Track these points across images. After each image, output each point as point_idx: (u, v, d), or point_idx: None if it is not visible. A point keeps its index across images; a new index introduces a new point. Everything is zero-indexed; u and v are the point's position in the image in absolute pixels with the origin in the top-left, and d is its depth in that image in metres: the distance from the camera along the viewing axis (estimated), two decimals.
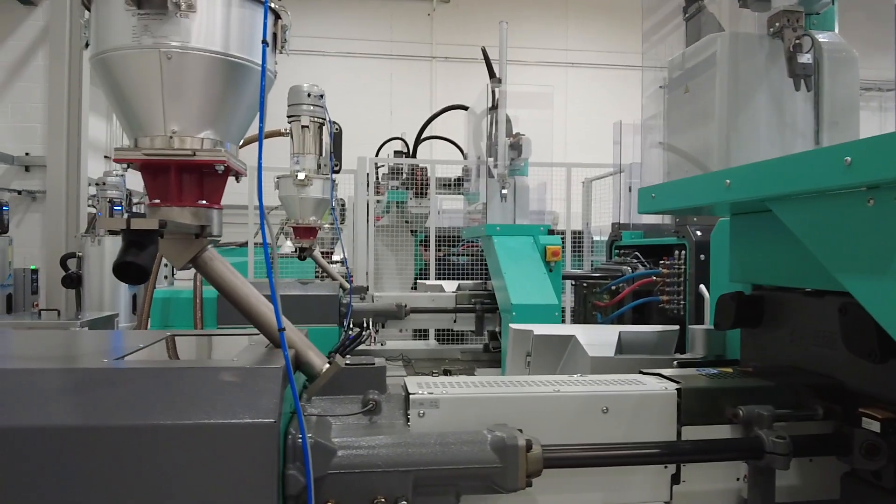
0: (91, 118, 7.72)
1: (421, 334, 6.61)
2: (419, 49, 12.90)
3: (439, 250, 7.50)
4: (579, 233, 7.46)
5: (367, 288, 5.30)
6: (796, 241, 1.76)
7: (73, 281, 6.25)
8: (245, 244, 10.09)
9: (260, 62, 1.51)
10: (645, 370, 1.82)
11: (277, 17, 1.56)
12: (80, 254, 6.28)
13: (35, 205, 7.79)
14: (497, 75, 4.72)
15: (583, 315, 4.96)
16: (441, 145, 8.30)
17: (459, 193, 7.36)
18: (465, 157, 8.03)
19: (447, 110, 7.04)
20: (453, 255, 7.80)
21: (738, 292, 2.02)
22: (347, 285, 4.64)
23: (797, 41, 1.72)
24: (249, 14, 1.49)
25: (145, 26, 1.37)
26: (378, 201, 7.42)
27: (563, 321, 5.05)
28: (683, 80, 1.99)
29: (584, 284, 4.84)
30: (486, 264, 7.03)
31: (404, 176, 7.23)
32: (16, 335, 1.77)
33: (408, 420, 1.52)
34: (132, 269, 1.29)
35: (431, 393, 1.54)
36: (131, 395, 1.22)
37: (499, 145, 4.68)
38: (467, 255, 7.76)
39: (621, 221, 5.61)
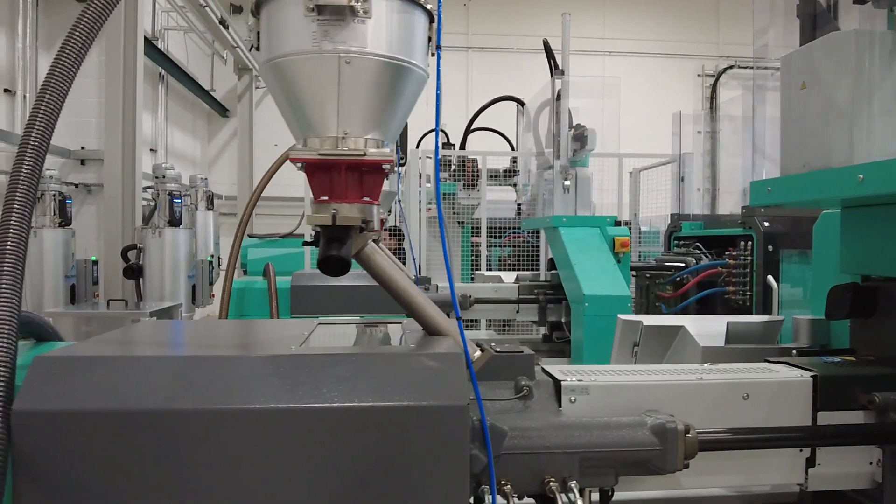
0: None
1: (470, 323, 6.69)
2: (455, 39, 12.94)
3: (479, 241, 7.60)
4: (626, 223, 7.48)
5: (430, 279, 5.38)
6: None
7: (134, 272, 6.41)
8: (288, 235, 10.24)
9: (419, 63, 1.58)
10: (771, 359, 1.88)
11: (431, 20, 1.63)
12: (141, 245, 6.44)
13: (91, 198, 7.97)
14: (560, 67, 4.76)
15: (645, 306, 5.02)
16: (484, 136, 8.34)
17: (508, 185, 7.41)
18: (513, 148, 8.09)
19: (498, 101, 7.08)
20: (498, 245, 7.88)
21: (853, 283, 2.06)
22: (413, 276, 4.73)
23: None
24: (409, 18, 1.56)
25: (325, 32, 1.45)
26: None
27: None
28: (801, 77, 2.03)
29: (647, 275, 4.89)
30: (531, 256, 7.11)
31: (453, 168, 7.29)
32: (184, 325, 1.87)
33: (559, 405, 1.60)
34: (333, 263, 1.37)
35: (581, 380, 1.61)
36: (334, 378, 1.30)
37: (561, 137, 4.73)
38: (512, 246, 7.84)
39: (681, 212, 5.62)
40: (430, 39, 1.63)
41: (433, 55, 1.66)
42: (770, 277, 4.22)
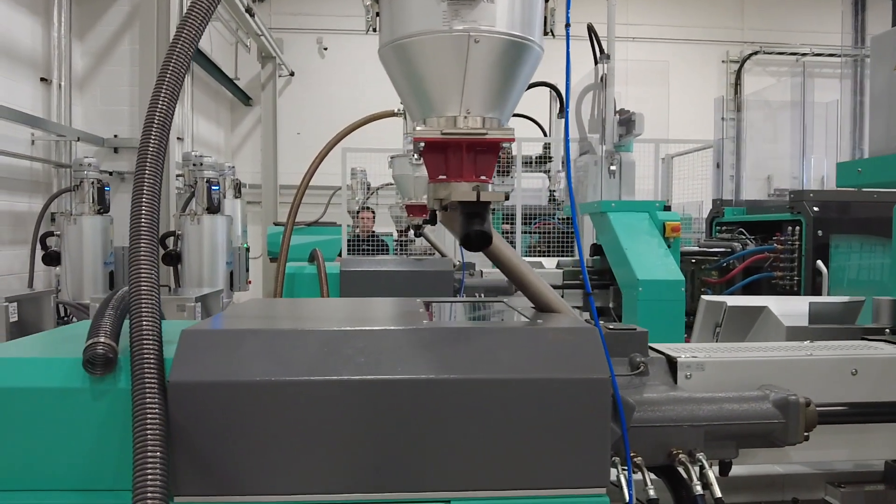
0: None
1: None
2: None
3: (512, 229, 7.64)
4: None
5: (475, 264, 5.41)
6: None
7: (173, 258, 6.46)
8: (314, 223, 10.28)
9: (538, 41, 1.60)
10: (868, 336, 1.90)
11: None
12: (179, 232, 6.49)
13: (124, 185, 8.03)
14: (605, 51, 4.76)
15: (690, 292, 5.02)
16: (514, 122, 8.34)
17: (541, 172, 7.42)
18: (545, 134, 8.09)
19: (532, 87, 7.07)
20: (528, 232, 7.92)
21: None
22: (458, 262, 4.76)
23: None
24: None
25: (455, 11, 1.47)
26: None
27: None
28: (894, 58, 2.03)
29: (693, 261, 4.90)
30: (562, 242, 7.14)
31: None
32: (296, 303, 1.90)
33: (675, 381, 1.62)
34: (476, 237, 1.40)
35: (695, 357, 1.64)
36: (476, 351, 1.33)
37: (607, 121, 4.74)
38: (540, 232, 7.88)
39: (723, 197, 5.62)
40: (545, 18, 1.65)
41: (545, 34, 1.68)
42: (819, 262, 4.22)
